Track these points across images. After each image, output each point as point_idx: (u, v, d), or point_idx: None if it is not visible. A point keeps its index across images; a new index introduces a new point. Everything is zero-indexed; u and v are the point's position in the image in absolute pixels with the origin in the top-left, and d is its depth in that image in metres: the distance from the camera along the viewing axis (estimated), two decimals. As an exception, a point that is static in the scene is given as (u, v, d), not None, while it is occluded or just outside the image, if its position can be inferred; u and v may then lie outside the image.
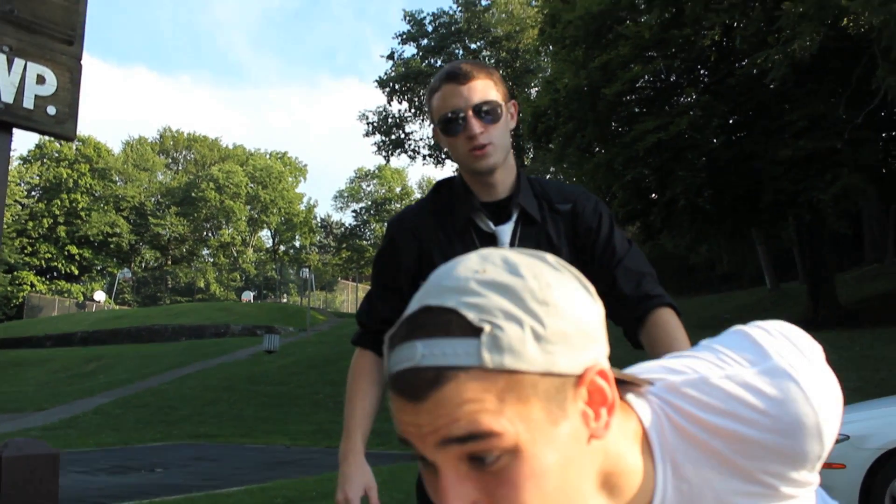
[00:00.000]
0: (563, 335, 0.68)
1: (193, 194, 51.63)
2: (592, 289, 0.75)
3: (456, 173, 1.92)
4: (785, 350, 0.81)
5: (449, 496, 0.68)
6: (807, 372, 0.80)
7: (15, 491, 1.99)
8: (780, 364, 0.80)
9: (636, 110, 17.79)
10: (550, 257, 0.74)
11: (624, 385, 0.81)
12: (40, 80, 2.83)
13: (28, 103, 2.81)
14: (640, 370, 0.88)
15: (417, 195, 57.28)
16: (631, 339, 1.82)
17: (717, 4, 15.70)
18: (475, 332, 0.66)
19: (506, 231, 1.81)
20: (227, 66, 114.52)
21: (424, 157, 37.20)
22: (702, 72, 18.15)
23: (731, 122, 16.72)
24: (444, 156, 35.37)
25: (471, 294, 0.68)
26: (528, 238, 1.81)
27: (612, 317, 1.85)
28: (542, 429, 0.67)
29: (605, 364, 0.72)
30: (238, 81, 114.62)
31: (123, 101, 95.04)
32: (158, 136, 58.31)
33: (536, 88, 30.90)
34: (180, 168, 58.31)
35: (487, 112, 1.73)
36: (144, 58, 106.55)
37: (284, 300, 44.34)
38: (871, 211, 21.95)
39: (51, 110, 2.72)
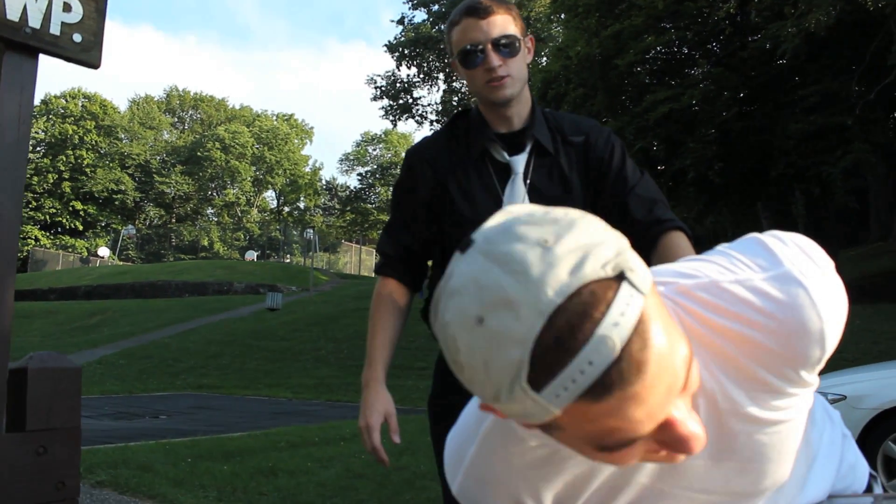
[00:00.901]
0: None
1: (199, 153, 51.55)
2: None
3: (473, 105, 1.96)
4: (797, 258, 0.84)
5: (683, 430, 0.71)
6: (816, 280, 0.82)
7: (41, 403, 2.07)
8: (791, 271, 0.82)
9: (647, 81, 17.71)
10: None
11: None
12: (66, 7, 2.86)
13: (55, 29, 2.84)
14: (652, 273, 0.91)
15: (423, 161, 56.99)
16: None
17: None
18: (617, 278, 0.67)
19: (520, 161, 1.85)
20: (234, 27, 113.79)
21: (432, 122, 37.00)
22: (714, 45, 18.02)
23: (742, 95, 16.64)
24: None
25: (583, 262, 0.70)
26: (541, 168, 1.85)
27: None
28: None
29: None
30: (245, 43, 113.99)
31: (129, 60, 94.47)
32: (165, 96, 58.10)
33: (546, 59, 30.70)
34: (186, 127, 58.14)
35: (506, 46, 1.77)
36: (151, 17, 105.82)
37: (288, 260, 44.42)
38: (877, 189, 21.90)
39: (77, 38, 2.75)
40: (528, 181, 1.84)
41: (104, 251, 44.67)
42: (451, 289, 0.69)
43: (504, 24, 1.78)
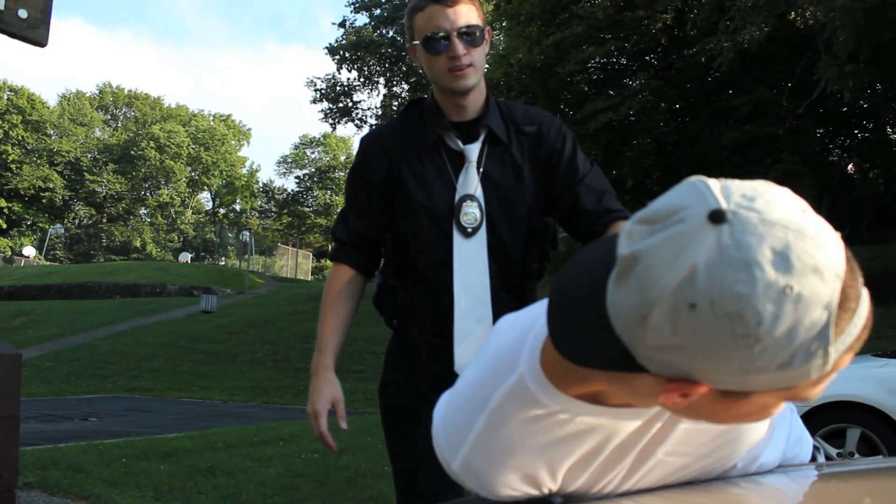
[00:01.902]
0: None
1: (133, 152, 50.31)
2: None
3: (428, 95, 1.98)
4: None
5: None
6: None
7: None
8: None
9: (586, 90, 18.02)
10: None
11: None
12: (9, -16, 2.78)
13: (-3, 5, 2.75)
14: None
15: (362, 165, 56.80)
16: None
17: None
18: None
19: (473, 150, 1.88)
20: (169, 24, 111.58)
21: (371, 126, 36.90)
22: (651, 58, 18.45)
23: (678, 106, 17.07)
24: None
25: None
26: (494, 157, 1.89)
27: (573, 232, 1.95)
28: None
29: None
30: (181, 41, 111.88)
31: (58, 54, 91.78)
32: (97, 92, 56.54)
33: (487, 66, 30.94)
34: (119, 125, 56.68)
35: (470, 35, 1.81)
36: (80, 9, 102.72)
37: (223, 263, 43.66)
38: (806, 199, 22.67)
39: (22, 13, 2.68)
40: (482, 169, 1.87)
41: (30, 251, 43.13)
42: (736, 260, 0.64)
43: (469, 13, 1.81)
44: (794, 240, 0.65)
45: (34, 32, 2.69)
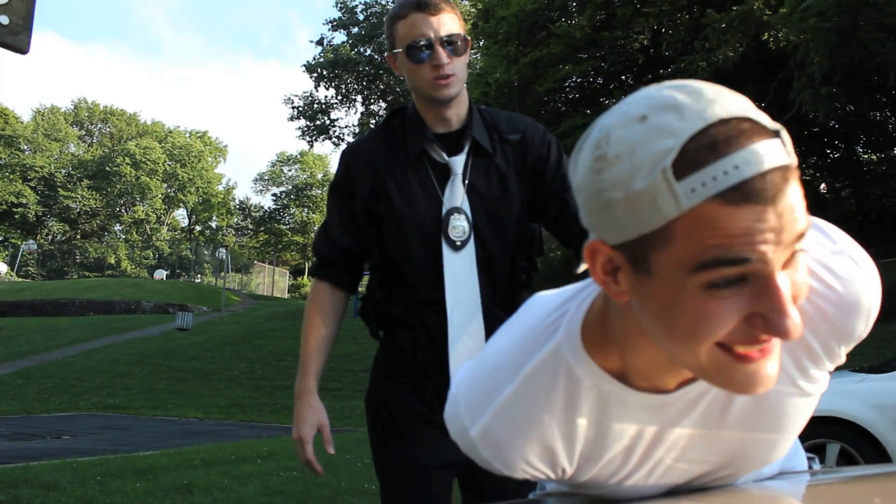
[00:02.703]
0: None
1: (108, 168, 49.86)
2: None
3: (409, 106, 1.94)
4: (848, 241, 0.92)
5: (785, 298, 0.68)
6: (868, 263, 0.90)
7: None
8: (847, 250, 0.90)
9: (562, 108, 18.17)
10: None
11: None
12: (-10, -9, 2.75)
13: (-23, 13, 2.71)
14: None
15: (340, 183, 56.72)
16: (581, 255, 1.92)
17: (647, 9, 16.18)
18: (775, 133, 0.68)
19: (458, 162, 1.85)
20: (145, 40, 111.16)
21: (348, 144, 36.94)
22: (628, 77, 18.66)
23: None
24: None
25: (748, 109, 0.70)
26: (479, 167, 1.86)
27: (562, 237, 1.93)
28: None
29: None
30: (157, 57, 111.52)
31: (31, 68, 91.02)
32: (72, 107, 56.04)
33: (465, 84, 31.07)
34: (95, 141, 56.18)
35: (452, 44, 1.79)
36: (54, 23, 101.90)
37: (199, 280, 43.29)
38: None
39: (3, 20, 2.65)
40: (467, 181, 1.84)
41: (1, 267, 42.51)
42: (619, 106, 0.72)
43: (451, 22, 1.80)
44: (665, 91, 0.70)
45: (15, 39, 2.66)
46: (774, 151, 0.66)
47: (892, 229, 18.70)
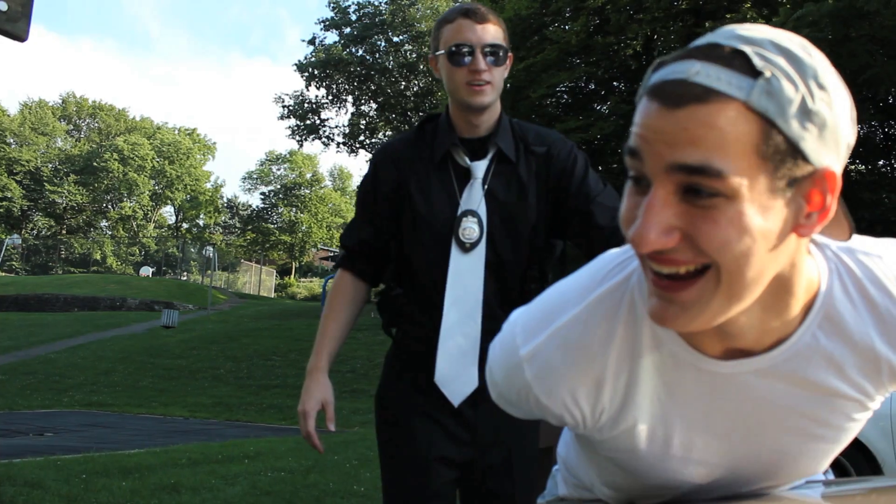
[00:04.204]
0: (821, 123, 0.71)
1: (95, 164, 49.53)
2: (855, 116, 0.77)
3: (443, 111, 2.01)
4: None
5: (653, 213, 0.71)
6: None
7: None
8: None
9: (555, 113, 18.17)
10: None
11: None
12: (-12, -24, 2.69)
13: (-26, -1, 2.66)
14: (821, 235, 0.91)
15: (328, 182, 56.74)
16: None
17: (640, 16, 16.22)
18: (754, 74, 0.69)
19: (480, 166, 1.91)
20: (133, 35, 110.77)
21: (338, 144, 36.81)
22: (620, 84, 18.69)
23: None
24: (357, 145, 35.09)
25: (763, 48, 0.71)
26: (501, 175, 1.92)
27: (587, 249, 1.94)
28: (761, 193, 0.70)
29: (839, 173, 0.75)
30: (145, 53, 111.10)
31: (18, 60, 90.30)
32: (61, 101, 55.66)
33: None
34: (82, 136, 55.82)
35: (494, 54, 1.85)
36: (41, 16, 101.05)
37: (185, 278, 43.05)
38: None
39: (2, 6, 2.60)
40: (487, 186, 1.90)
41: (-16, 261, 42.20)
42: None
43: (496, 33, 1.87)
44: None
45: (14, 26, 2.61)
46: (713, 75, 0.69)
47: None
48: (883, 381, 0.86)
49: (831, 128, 0.72)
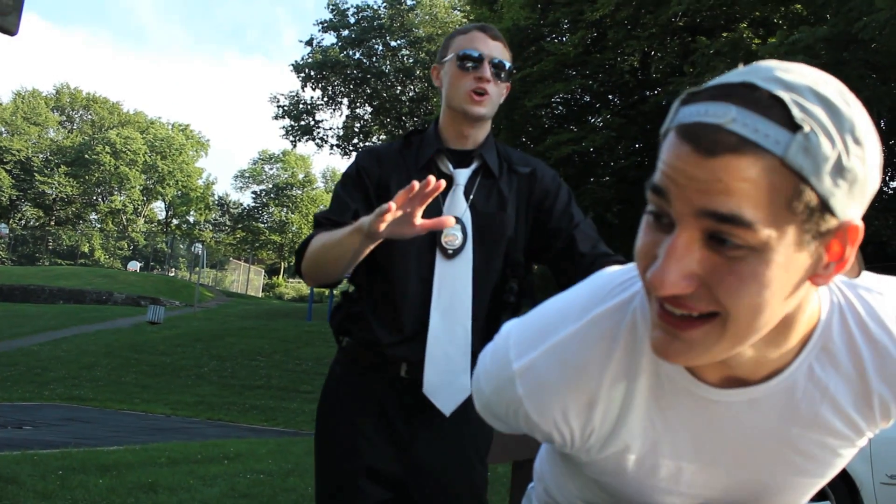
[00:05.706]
0: (853, 179, 0.70)
1: (87, 156, 49.28)
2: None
3: (430, 124, 2.02)
4: None
5: (675, 256, 0.70)
6: None
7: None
8: None
9: (547, 125, 18.22)
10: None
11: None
12: (-20, -31, 2.67)
13: (-35, -8, 2.64)
14: None
15: (320, 184, 56.67)
16: None
17: (637, 32, 16.28)
18: (793, 127, 0.68)
19: (463, 174, 1.92)
20: (128, 29, 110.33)
21: (332, 146, 36.78)
22: (615, 97, 18.75)
23: (638, 146, 17.34)
24: (351, 147, 35.06)
25: (802, 96, 0.69)
26: (483, 188, 1.93)
27: (565, 275, 1.93)
28: (788, 245, 0.70)
29: (861, 226, 0.74)
30: (140, 47, 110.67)
31: (11, 50, 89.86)
32: (54, 92, 55.42)
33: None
34: (75, 127, 55.57)
35: (499, 69, 1.91)
36: (36, 5, 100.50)
37: (172, 274, 42.87)
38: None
39: (-7, 0, 2.57)
40: (471, 197, 1.90)
41: (-29, 250, 41.90)
42: None
43: (504, 53, 1.94)
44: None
45: (4, 20, 2.58)
46: (750, 125, 0.68)
47: (875, 257, 18.90)
48: (874, 417, 0.86)
49: (861, 182, 0.71)
